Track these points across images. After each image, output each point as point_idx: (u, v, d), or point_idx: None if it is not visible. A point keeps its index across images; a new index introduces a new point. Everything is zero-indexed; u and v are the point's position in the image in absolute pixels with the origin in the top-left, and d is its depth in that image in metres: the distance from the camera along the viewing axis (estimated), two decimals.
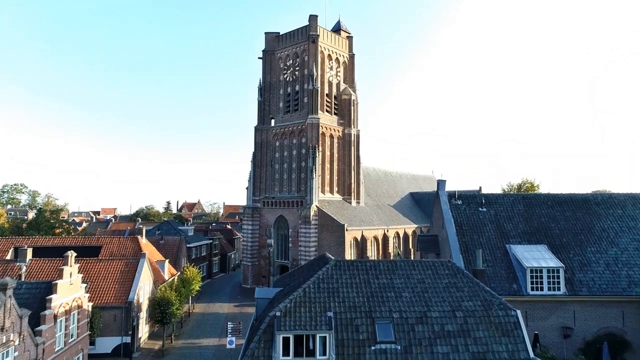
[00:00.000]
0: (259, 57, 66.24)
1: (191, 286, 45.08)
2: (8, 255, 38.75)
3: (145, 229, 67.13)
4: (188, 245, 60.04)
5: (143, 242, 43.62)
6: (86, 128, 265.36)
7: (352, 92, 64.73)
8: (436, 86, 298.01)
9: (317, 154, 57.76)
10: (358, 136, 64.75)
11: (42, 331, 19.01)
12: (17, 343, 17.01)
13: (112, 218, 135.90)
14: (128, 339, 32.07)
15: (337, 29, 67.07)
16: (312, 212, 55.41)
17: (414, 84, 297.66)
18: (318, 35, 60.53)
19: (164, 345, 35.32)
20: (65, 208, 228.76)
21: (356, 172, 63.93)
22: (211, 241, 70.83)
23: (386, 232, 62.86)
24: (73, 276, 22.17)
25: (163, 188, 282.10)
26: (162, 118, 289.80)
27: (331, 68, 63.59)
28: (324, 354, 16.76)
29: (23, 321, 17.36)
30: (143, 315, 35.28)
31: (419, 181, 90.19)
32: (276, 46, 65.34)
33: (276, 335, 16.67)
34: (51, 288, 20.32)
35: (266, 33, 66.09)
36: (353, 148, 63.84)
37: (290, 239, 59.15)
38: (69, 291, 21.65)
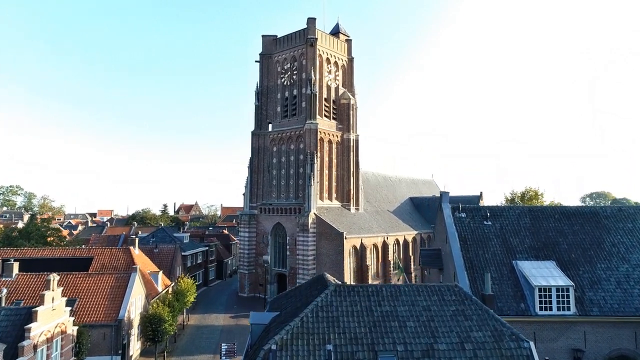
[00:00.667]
0: (256, 61, 64.93)
1: (185, 298, 43.73)
2: None
3: (139, 237, 65.97)
4: (183, 253, 58.69)
5: (136, 254, 42.25)
6: (86, 128, 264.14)
7: (351, 97, 63.47)
8: (436, 86, 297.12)
9: (316, 160, 56.47)
10: (357, 141, 63.49)
11: None
12: None
13: (108, 222, 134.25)
14: (118, 359, 30.72)
15: (336, 32, 65.80)
16: (311, 220, 54.12)
17: (414, 84, 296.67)
18: (316, 38, 59.24)
19: None
20: (61, 210, 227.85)
21: (355, 178, 62.67)
22: (207, 248, 69.45)
23: (386, 240, 61.60)
24: (56, 300, 20.82)
25: (162, 188, 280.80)
26: (162, 118, 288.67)
27: (330, 72, 62.31)
28: None
29: None
30: (134, 331, 33.93)
31: (419, 185, 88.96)
32: (273, 49, 64.02)
33: None
34: (31, 315, 18.99)
35: (263, 36, 64.79)
36: (352, 153, 62.56)
37: (288, 247, 57.86)
38: (51, 317, 20.31)
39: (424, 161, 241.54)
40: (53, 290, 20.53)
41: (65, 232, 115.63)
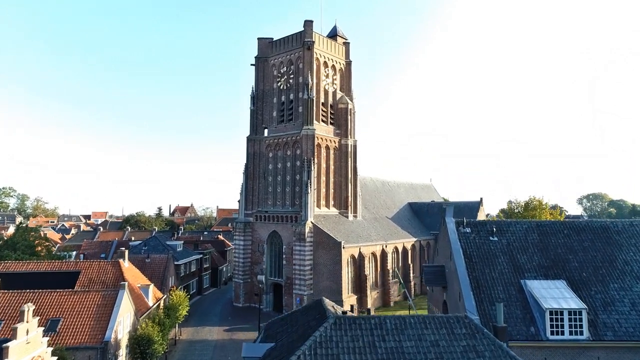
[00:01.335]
0: (252, 64, 63.24)
1: (177, 312, 42.07)
2: None
3: (131, 244, 64.24)
4: (176, 262, 56.96)
5: (125, 267, 40.49)
6: (85, 128, 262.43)
7: (349, 101, 61.91)
8: (435, 86, 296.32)
9: (313, 167, 54.87)
10: (355, 147, 61.93)
11: None
12: None
13: (101, 227, 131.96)
14: None
15: (334, 35, 64.22)
16: (307, 229, 52.51)
17: (413, 84, 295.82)
18: (313, 41, 57.64)
19: None
20: (55, 212, 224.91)
21: (353, 185, 61.11)
22: (201, 256, 67.75)
23: (385, 248, 60.09)
24: (31, 332, 19.15)
25: (161, 188, 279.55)
26: (162, 118, 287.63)
27: (327, 76, 60.71)
28: None
29: None
30: (122, 352, 32.23)
31: (417, 190, 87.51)
32: (269, 53, 62.37)
33: None
34: (1, 352, 17.32)
35: (259, 39, 63.11)
36: (350, 159, 61.00)
37: (284, 256, 56.21)
38: (26, 351, 18.65)
39: (424, 162, 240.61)
40: (28, 322, 18.85)
41: (57, 237, 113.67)
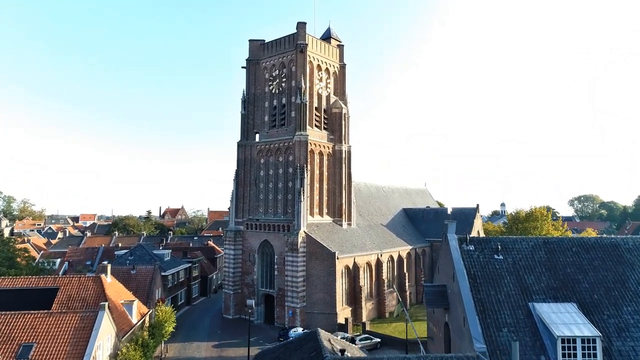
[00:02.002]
0: (243, 67, 61.18)
1: (163, 329, 39.91)
2: None
3: (116, 254, 61.87)
4: (163, 273, 54.70)
5: (108, 282, 38.25)
6: (86, 128, 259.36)
7: (343, 106, 60.05)
8: (433, 87, 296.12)
9: (306, 174, 52.93)
10: (349, 152, 60.10)
11: None
12: None
13: (88, 232, 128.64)
14: None
15: (327, 37, 62.33)
16: (300, 239, 50.57)
17: (410, 84, 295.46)
18: (306, 44, 55.71)
19: None
20: (42, 214, 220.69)
21: (347, 192, 59.28)
22: (191, 264, 65.49)
23: (380, 257, 58.32)
24: None
25: (152, 188, 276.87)
26: (162, 118, 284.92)
27: (321, 79, 58.81)
28: None
29: None
30: None
31: (412, 195, 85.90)
32: (261, 55, 60.32)
33: None
34: None
35: (250, 40, 61.04)
36: (344, 165, 59.17)
37: (276, 266, 54.22)
38: None
39: (421, 162, 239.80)
40: None
41: (42, 242, 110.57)
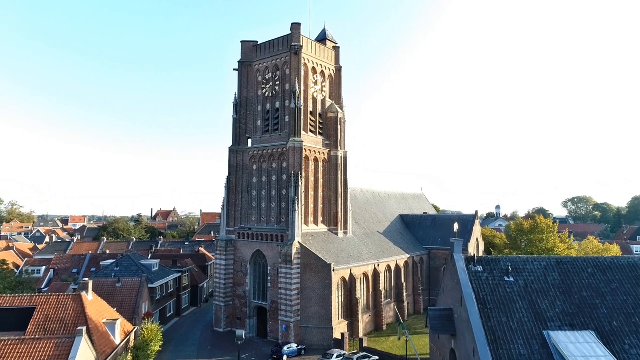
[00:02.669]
0: (235, 69, 58.81)
1: (149, 349, 37.54)
2: None
3: (102, 264, 59.27)
4: (151, 285, 52.22)
5: (89, 300, 35.78)
6: (81, 126, 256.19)
7: (339, 110, 57.87)
8: (431, 87, 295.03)
9: (300, 182, 50.69)
10: (345, 158, 57.94)
11: None
12: None
13: (77, 235, 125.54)
14: None
15: (323, 38, 60.10)
16: (295, 250, 48.34)
17: (406, 85, 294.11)
18: (301, 45, 53.45)
19: None
20: (31, 215, 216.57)
21: (343, 199, 57.12)
22: (180, 274, 63.02)
23: (377, 267, 56.20)
24: None
25: (146, 188, 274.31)
26: (157, 116, 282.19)
27: (316, 83, 56.57)
28: None
29: None
30: None
31: (409, 201, 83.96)
32: (254, 57, 57.98)
33: None
34: None
35: (242, 42, 58.66)
36: (340, 172, 56.99)
37: (269, 278, 51.95)
38: None
39: (415, 164, 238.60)
40: None
41: (29, 247, 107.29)
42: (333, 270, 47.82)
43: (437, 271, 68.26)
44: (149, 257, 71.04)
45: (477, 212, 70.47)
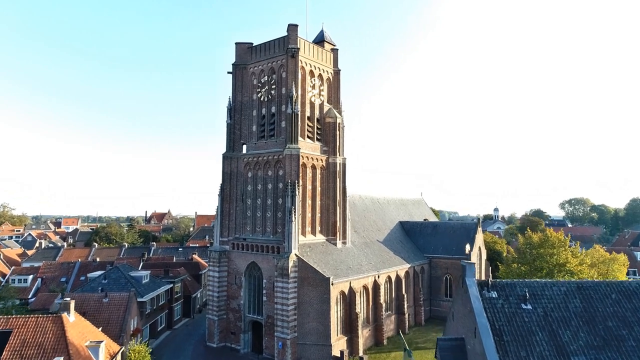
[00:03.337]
0: (229, 72, 56.38)
1: None
2: None
3: (89, 277, 56.71)
4: (140, 299, 49.73)
5: (70, 322, 33.34)
6: (85, 127, 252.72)
7: (337, 114, 55.56)
8: (429, 87, 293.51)
9: (297, 191, 48.35)
10: (344, 165, 55.65)
11: None
12: None
13: (69, 239, 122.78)
14: None
15: (321, 40, 57.79)
16: (291, 263, 45.98)
17: (404, 85, 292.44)
18: (298, 48, 51.10)
19: None
20: (24, 217, 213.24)
21: (342, 208, 54.83)
22: (172, 284, 60.53)
23: (377, 279, 53.95)
24: None
25: (142, 188, 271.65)
26: (154, 116, 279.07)
27: (313, 86, 54.25)
28: None
29: None
30: None
31: (408, 206, 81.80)
32: (249, 59, 55.57)
33: None
34: None
35: (237, 43, 56.24)
36: (338, 179, 54.68)
37: (264, 291, 49.61)
38: None
39: (419, 164, 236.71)
40: None
41: (18, 252, 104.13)
42: (332, 284, 45.51)
43: (439, 280, 66.23)
44: (140, 267, 68.64)
45: (480, 220, 68.39)
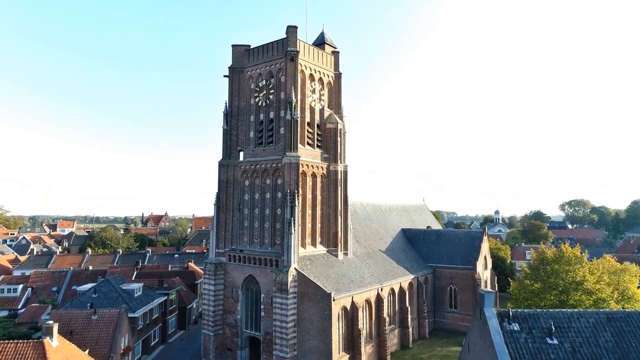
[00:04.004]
0: (225, 75, 54.05)
1: None
2: None
3: (78, 290, 54.27)
4: (132, 315, 47.36)
5: (53, 347, 30.98)
6: (85, 127, 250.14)
7: (339, 120, 53.27)
8: (428, 87, 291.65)
9: (297, 202, 46.04)
10: (345, 173, 53.38)
11: None
12: None
13: (65, 242, 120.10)
14: None
15: (321, 42, 55.48)
16: (291, 278, 43.70)
17: (403, 85, 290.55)
18: (298, 51, 48.79)
19: None
20: (18, 219, 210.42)
21: (343, 217, 52.56)
22: (167, 296, 58.18)
23: (380, 292, 51.69)
24: None
25: (139, 188, 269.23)
26: (161, 116, 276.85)
27: (313, 91, 51.95)
28: None
29: None
30: None
31: (410, 213, 79.57)
32: (246, 62, 53.26)
33: None
34: None
35: (234, 46, 53.90)
36: (339, 188, 52.42)
37: (262, 306, 47.29)
38: None
39: (419, 164, 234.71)
40: None
41: (9, 259, 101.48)
42: (333, 299, 43.21)
43: (443, 291, 64.02)
44: (134, 276, 66.31)
45: (485, 228, 66.17)
